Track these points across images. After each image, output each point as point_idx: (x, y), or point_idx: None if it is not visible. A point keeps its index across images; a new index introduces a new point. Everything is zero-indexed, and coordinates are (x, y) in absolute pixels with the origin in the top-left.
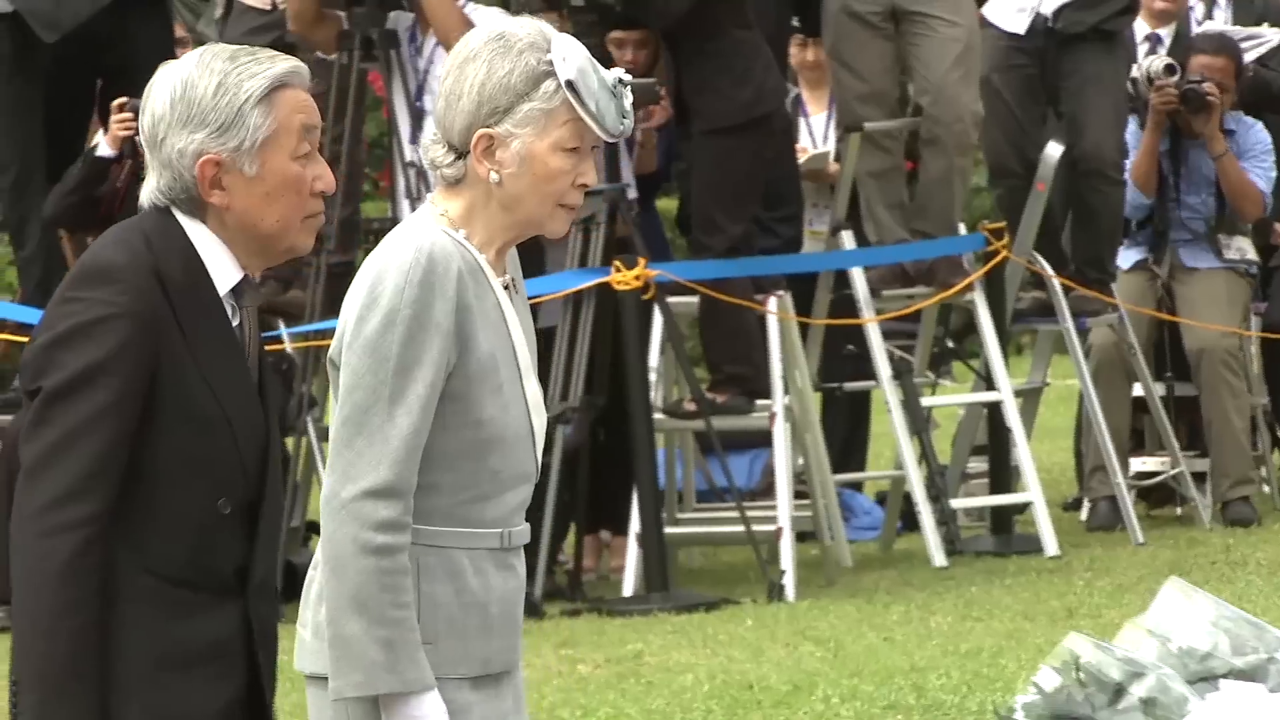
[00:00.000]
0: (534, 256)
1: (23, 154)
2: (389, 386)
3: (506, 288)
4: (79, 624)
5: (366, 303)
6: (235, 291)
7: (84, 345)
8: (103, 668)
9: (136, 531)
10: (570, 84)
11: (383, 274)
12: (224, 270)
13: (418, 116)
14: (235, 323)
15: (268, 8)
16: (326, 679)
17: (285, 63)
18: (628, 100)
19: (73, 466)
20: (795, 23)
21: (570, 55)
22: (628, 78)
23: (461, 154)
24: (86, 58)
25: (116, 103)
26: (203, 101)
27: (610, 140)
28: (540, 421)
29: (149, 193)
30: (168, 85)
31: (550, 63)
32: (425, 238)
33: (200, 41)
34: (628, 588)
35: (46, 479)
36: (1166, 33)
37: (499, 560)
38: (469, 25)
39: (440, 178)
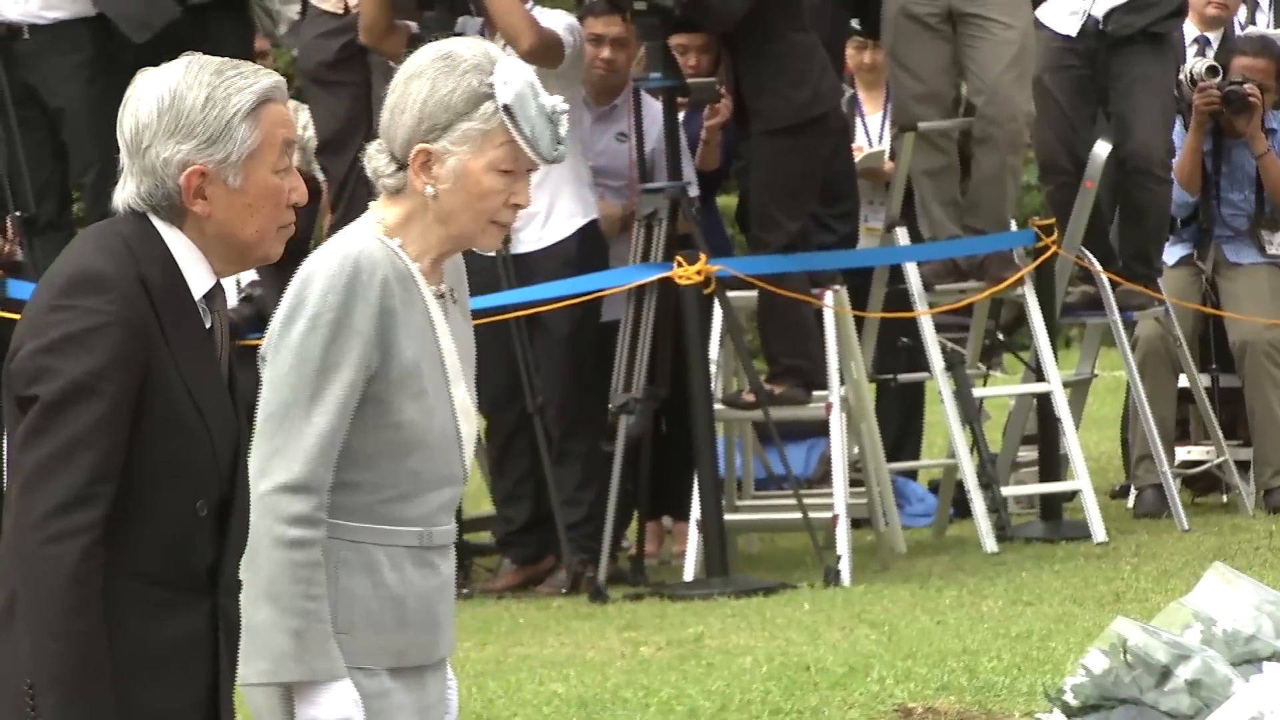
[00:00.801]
0: (598, 252)
1: (105, 153)
2: (309, 386)
3: (441, 297)
4: (90, 625)
5: (293, 305)
6: (208, 296)
7: (79, 354)
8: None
9: (122, 534)
10: (508, 108)
11: (310, 278)
12: (199, 276)
13: None
14: (208, 326)
15: (340, 11)
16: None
17: (269, 78)
18: (563, 128)
19: (75, 474)
20: (855, 24)
21: (511, 79)
22: (564, 105)
23: (402, 165)
24: (168, 59)
25: None
26: (191, 113)
27: (544, 164)
28: (469, 427)
29: (125, 197)
30: (154, 94)
31: (491, 85)
32: (356, 245)
33: (279, 48)
34: (689, 572)
35: (49, 487)
36: (1215, 36)
37: (418, 558)
38: (536, 28)
39: (382, 186)
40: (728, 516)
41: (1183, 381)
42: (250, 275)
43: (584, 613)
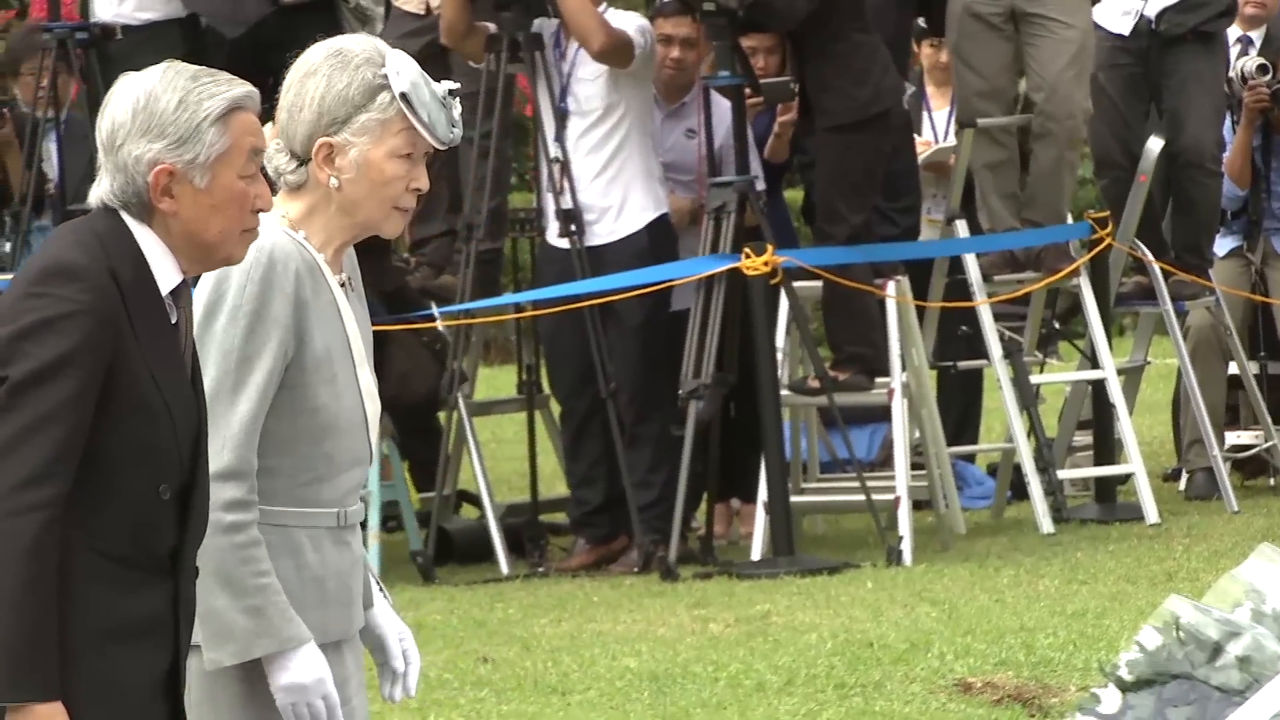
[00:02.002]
0: (668, 244)
1: None
2: (231, 377)
3: (343, 285)
4: (42, 599)
5: (212, 299)
6: (174, 292)
7: (50, 338)
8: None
9: (86, 514)
10: (404, 96)
11: (226, 273)
12: (166, 272)
13: (561, 116)
14: (174, 321)
15: (421, 12)
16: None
17: (241, 87)
18: (456, 110)
19: (39, 451)
20: (921, 23)
21: (404, 70)
22: (456, 87)
23: (303, 161)
24: (258, 57)
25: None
26: (164, 114)
27: (440, 148)
28: (374, 408)
29: (100, 193)
30: (130, 95)
31: (385, 76)
32: (266, 238)
33: None
34: (756, 552)
35: (14, 462)
36: (1257, 35)
37: (335, 537)
38: (607, 29)
39: (283, 183)
40: (793, 498)
41: (1232, 368)
42: None
43: (655, 591)
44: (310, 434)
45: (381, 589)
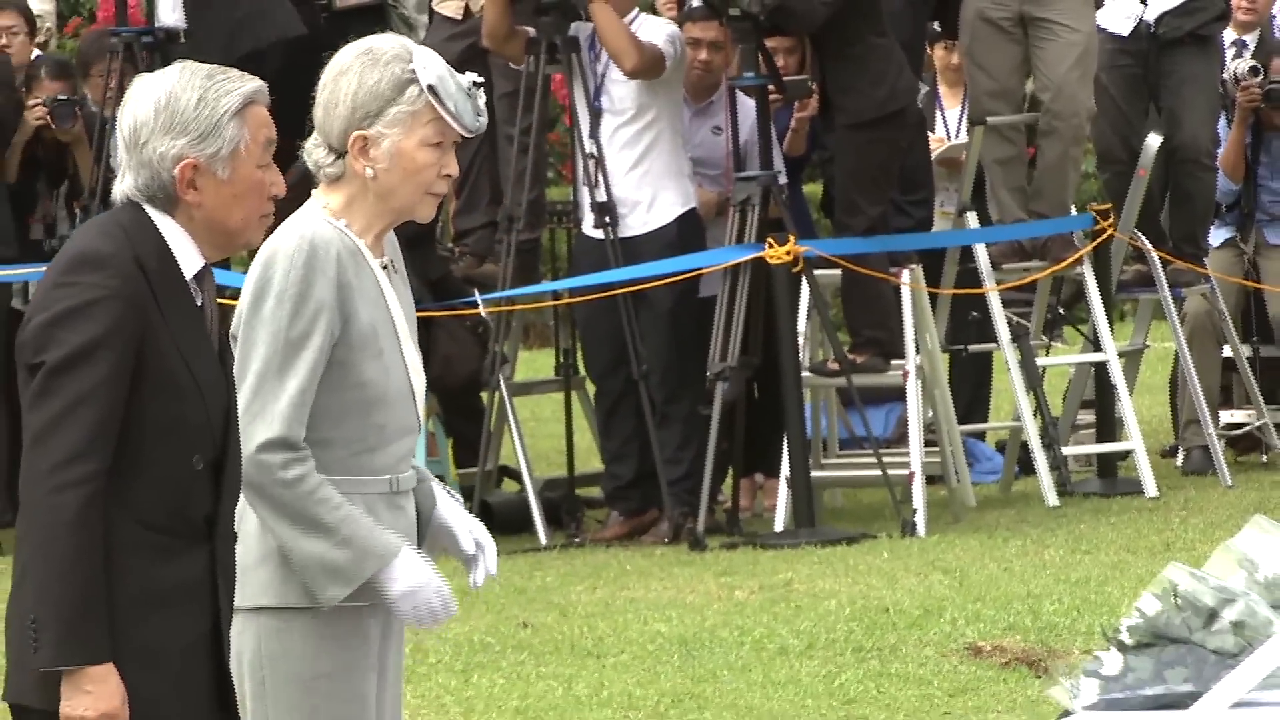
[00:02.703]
0: (696, 236)
1: None
2: (280, 356)
3: (385, 267)
4: (90, 569)
5: (259, 285)
6: (198, 277)
7: (82, 324)
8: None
9: (124, 486)
10: (431, 88)
11: (272, 259)
12: (189, 258)
13: (595, 114)
14: (199, 303)
15: (459, 17)
16: (275, 608)
17: (253, 82)
18: (481, 100)
19: (77, 431)
20: (935, 27)
21: (430, 64)
22: (480, 80)
23: (340, 154)
24: (310, 63)
25: None
26: (185, 112)
27: (468, 135)
28: (419, 381)
29: (124, 189)
30: (151, 95)
31: (414, 71)
32: (309, 227)
33: None
34: (779, 524)
35: (54, 443)
36: (1251, 38)
37: (390, 502)
38: (639, 49)
39: (323, 176)
40: (814, 473)
41: (1226, 351)
42: None
43: (684, 560)
44: (360, 407)
45: (449, 491)
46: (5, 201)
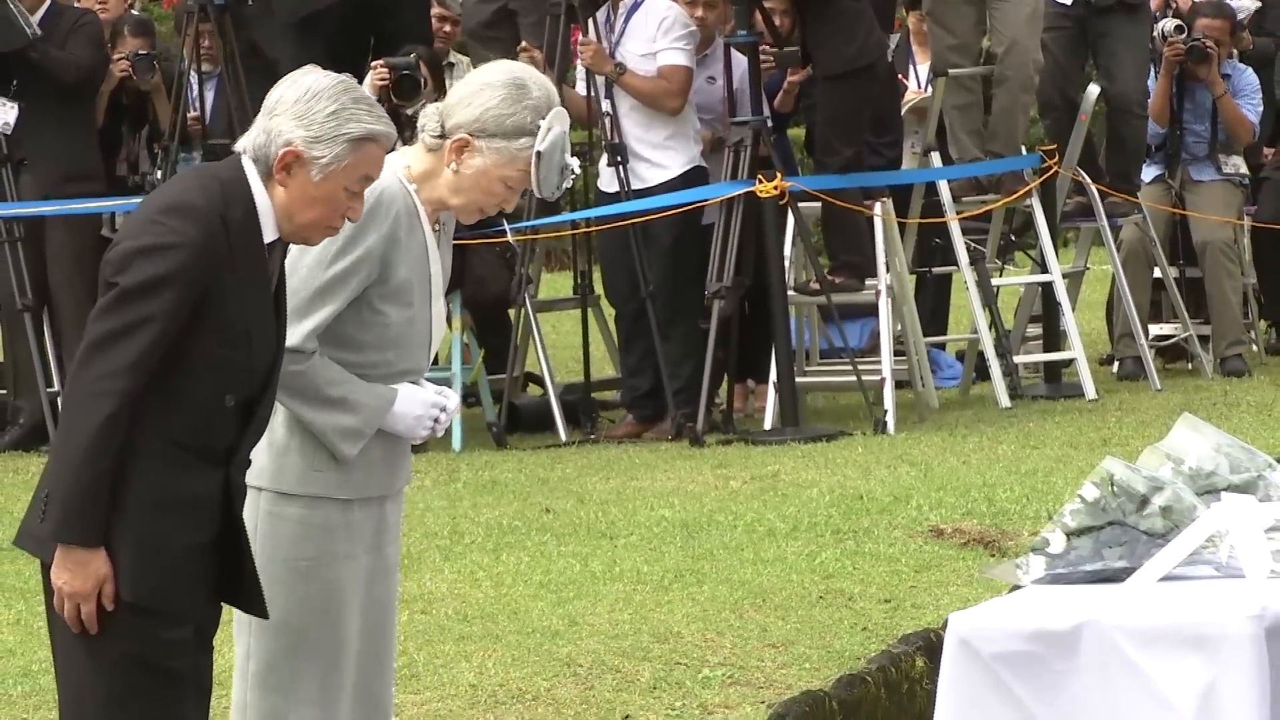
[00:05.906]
0: (698, 175)
1: None
2: (319, 282)
3: (436, 229)
4: (102, 466)
5: None
6: (270, 246)
7: (158, 260)
8: (113, 501)
9: (162, 406)
10: (540, 153)
11: None
12: (269, 226)
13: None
14: (269, 271)
15: None
16: (271, 491)
17: (385, 125)
18: (568, 181)
19: (127, 353)
20: None
21: (553, 129)
22: (576, 167)
23: (444, 135)
24: (365, 21)
25: (378, 62)
26: (318, 113)
27: (539, 196)
28: (439, 331)
29: (246, 141)
30: (304, 84)
31: (538, 127)
32: (383, 181)
33: (455, 21)
34: (768, 423)
35: (106, 355)
36: None
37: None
38: (668, 90)
39: (423, 139)
40: (798, 379)
41: (1156, 273)
42: None
43: (685, 455)
44: (378, 341)
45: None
46: (96, 143)
